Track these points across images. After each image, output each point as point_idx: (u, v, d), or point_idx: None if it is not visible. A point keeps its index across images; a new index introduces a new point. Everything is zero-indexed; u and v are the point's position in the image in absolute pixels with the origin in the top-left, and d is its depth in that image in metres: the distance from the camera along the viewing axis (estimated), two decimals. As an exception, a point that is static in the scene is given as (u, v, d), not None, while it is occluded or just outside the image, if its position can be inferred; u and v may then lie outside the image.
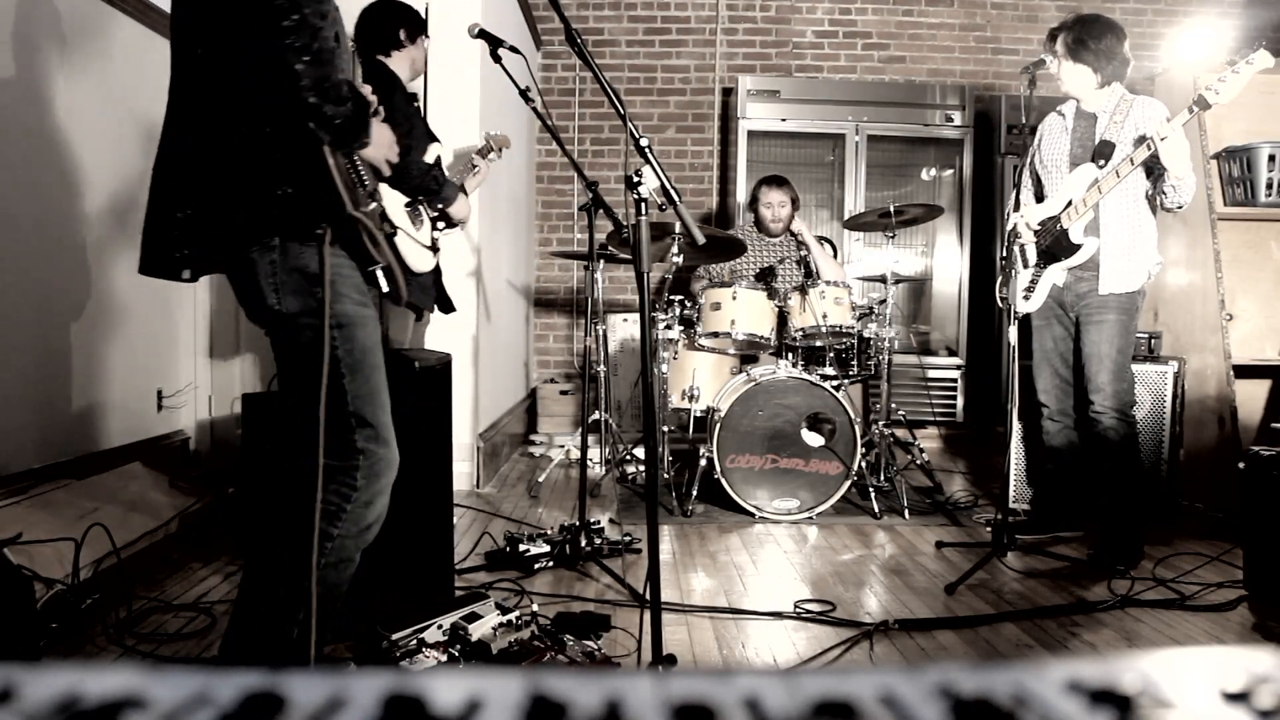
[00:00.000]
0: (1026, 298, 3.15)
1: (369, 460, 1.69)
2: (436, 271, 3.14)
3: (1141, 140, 2.83)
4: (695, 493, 3.58)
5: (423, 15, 3.10)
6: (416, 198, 2.88)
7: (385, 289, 1.72)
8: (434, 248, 3.01)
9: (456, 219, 3.02)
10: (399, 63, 3.06)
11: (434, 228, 2.98)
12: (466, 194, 3.17)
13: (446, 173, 3.13)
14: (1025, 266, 3.16)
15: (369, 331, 1.71)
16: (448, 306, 3.27)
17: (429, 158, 3.04)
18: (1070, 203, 2.99)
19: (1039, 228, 3.10)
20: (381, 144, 1.78)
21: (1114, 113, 2.98)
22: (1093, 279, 3.02)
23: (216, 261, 1.65)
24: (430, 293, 3.16)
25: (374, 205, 1.73)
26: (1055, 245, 3.05)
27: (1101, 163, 2.95)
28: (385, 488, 1.74)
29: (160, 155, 1.64)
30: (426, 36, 3.09)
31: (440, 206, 2.94)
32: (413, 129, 2.94)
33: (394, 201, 2.96)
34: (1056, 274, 3.08)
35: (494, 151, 3.30)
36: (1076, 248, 2.99)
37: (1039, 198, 3.20)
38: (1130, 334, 3.01)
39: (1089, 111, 3.06)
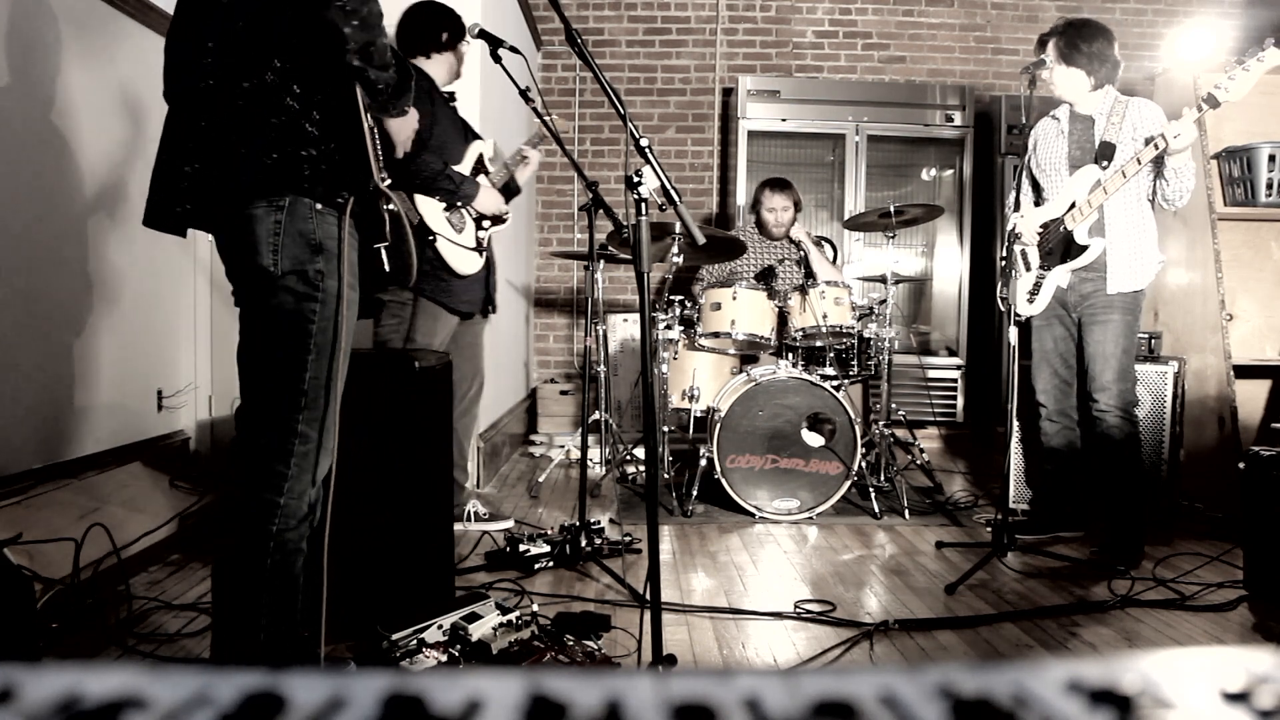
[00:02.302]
0: (1031, 300, 3.15)
1: (304, 445, 1.62)
2: (487, 273, 3.20)
3: (1149, 141, 2.84)
4: (695, 493, 3.58)
5: (463, 21, 3.11)
6: (451, 201, 2.96)
7: (387, 269, 1.71)
8: (480, 249, 3.09)
9: (487, 212, 3.08)
10: (436, 65, 3.10)
11: (479, 227, 3.05)
12: (518, 185, 3.27)
13: (490, 167, 3.18)
14: (1028, 269, 3.17)
15: (349, 315, 1.67)
16: (486, 310, 3.30)
17: (469, 156, 3.12)
18: (1074, 204, 3.00)
19: (1041, 230, 3.10)
20: (407, 124, 1.77)
21: (1110, 114, 3.01)
22: (1097, 279, 3.03)
23: (216, 216, 1.61)
24: (479, 294, 3.20)
25: (387, 182, 1.71)
26: (1059, 247, 3.06)
27: (1104, 164, 2.97)
28: (317, 480, 1.68)
29: (171, 109, 1.61)
30: (467, 41, 3.09)
31: (461, 204, 3.00)
32: (438, 127, 3.00)
33: (433, 208, 3.03)
34: (1061, 275, 3.09)
35: (545, 141, 3.35)
36: (1083, 249, 3.00)
37: (1037, 201, 3.21)
38: (1134, 333, 3.03)
39: (1084, 114, 3.08)
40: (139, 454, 3.09)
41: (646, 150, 1.82)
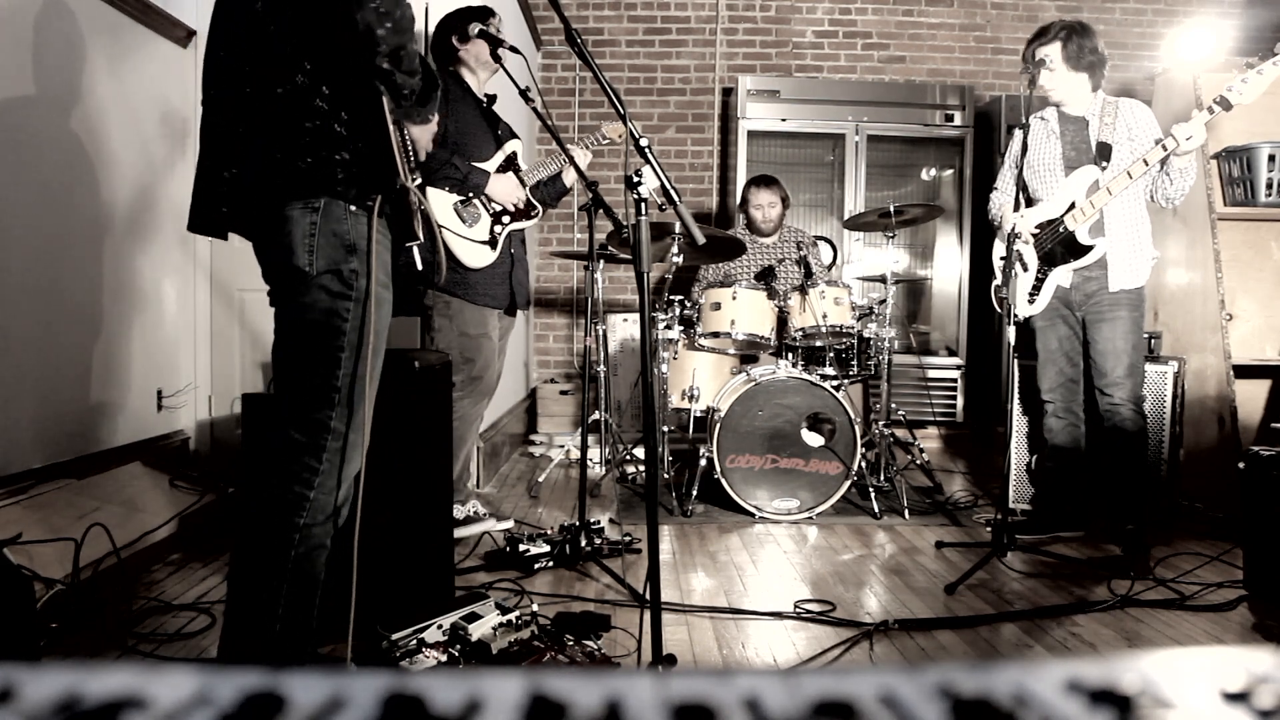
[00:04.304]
0: (1031, 301, 3.16)
1: (336, 441, 1.64)
2: (510, 269, 3.21)
3: (1158, 142, 2.87)
4: (695, 493, 3.58)
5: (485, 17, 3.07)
6: (461, 190, 3.00)
7: (419, 266, 1.74)
8: (493, 242, 3.11)
9: (500, 200, 3.13)
10: (465, 70, 3.16)
11: (498, 222, 3.08)
12: (565, 184, 3.39)
13: (523, 164, 3.25)
14: (1025, 270, 3.18)
15: (382, 314, 1.70)
16: (513, 308, 3.30)
17: (500, 154, 3.14)
18: (1073, 205, 3.01)
19: (1037, 231, 3.12)
20: (429, 130, 1.79)
21: (1102, 115, 3.04)
22: (1100, 277, 3.05)
23: (253, 219, 1.64)
24: (502, 291, 3.20)
25: (417, 181, 1.73)
26: (1059, 247, 3.07)
27: (1104, 164, 2.98)
28: (349, 476, 1.69)
29: (206, 117, 1.64)
30: (474, 34, 3.03)
31: (472, 194, 3.05)
32: (456, 123, 3.04)
33: (441, 201, 3.07)
34: (1062, 275, 3.10)
35: (606, 140, 3.43)
36: (1086, 249, 3.02)
37: (1028, 202, 3.22)
38: (1141, 329, 3.08)
39: (1075, 115, 3.09)
40: (139, 454, 3.09)
41: (646, 150, 1.82)
